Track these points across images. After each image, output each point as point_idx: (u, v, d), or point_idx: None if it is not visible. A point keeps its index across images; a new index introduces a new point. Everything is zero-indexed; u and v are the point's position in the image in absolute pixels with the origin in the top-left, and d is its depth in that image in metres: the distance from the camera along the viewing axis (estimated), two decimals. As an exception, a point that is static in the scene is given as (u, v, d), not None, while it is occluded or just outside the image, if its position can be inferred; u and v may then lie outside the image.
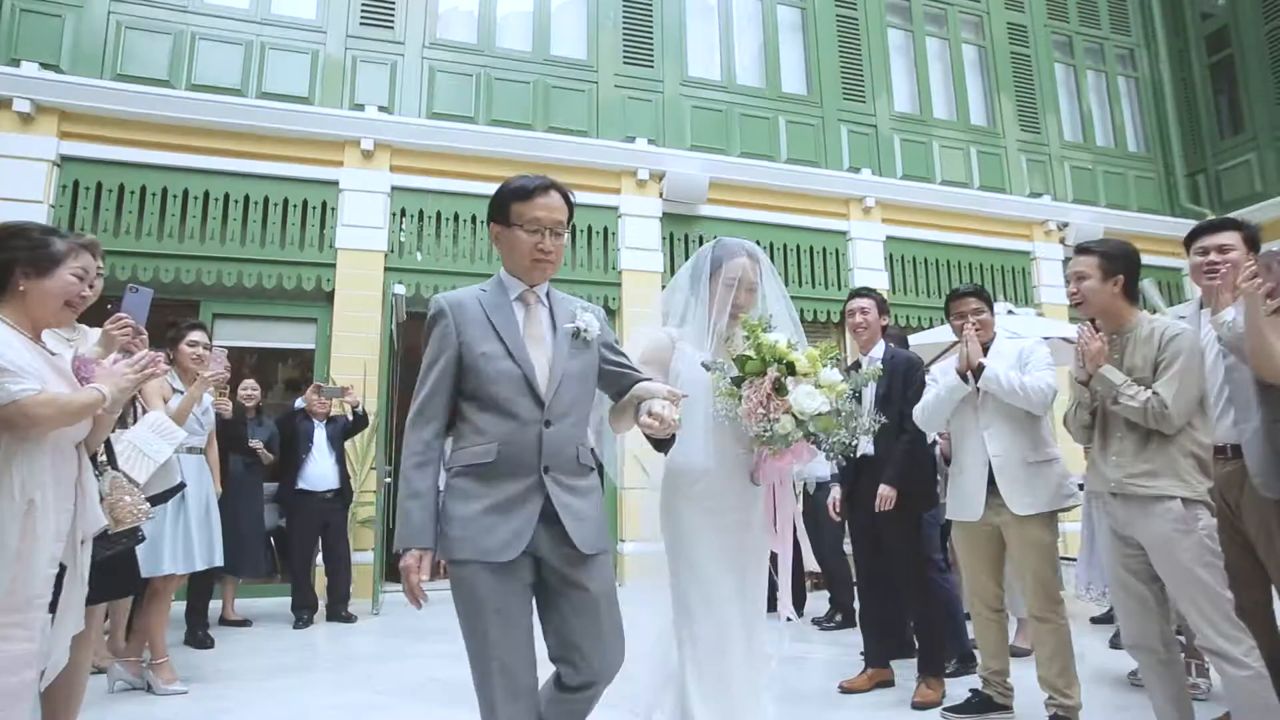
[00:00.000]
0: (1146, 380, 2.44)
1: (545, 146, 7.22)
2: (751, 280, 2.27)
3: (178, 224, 6.34)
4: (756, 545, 2.22)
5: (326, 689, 3.67)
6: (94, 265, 2.09)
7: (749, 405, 1.97)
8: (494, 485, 1.72)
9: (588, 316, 1.90)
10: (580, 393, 1.87)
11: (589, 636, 1.75)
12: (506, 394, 1.76)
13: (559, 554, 1.74)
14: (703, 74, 8.06)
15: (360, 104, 6.91)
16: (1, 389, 1.73)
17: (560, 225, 1.87)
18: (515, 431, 1.74)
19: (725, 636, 2.09)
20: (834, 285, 8.04)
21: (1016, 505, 2.76)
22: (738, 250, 2.29)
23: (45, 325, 1.99)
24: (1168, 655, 2.38)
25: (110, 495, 2.15)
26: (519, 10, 7.69)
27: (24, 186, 5.90)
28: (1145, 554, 2.35)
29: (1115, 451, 2.43)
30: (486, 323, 1.81)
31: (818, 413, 1.95)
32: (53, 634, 1.89)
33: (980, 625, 2.95)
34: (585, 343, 1.89)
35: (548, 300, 1.93)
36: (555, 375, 1.80)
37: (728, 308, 2.23)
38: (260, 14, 6.86)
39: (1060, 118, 9.55)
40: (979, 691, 2.96)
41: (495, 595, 1.69)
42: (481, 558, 1.68)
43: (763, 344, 2.05)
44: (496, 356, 1.77)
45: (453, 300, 1.85)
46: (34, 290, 1.92)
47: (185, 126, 6.38)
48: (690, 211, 7.64)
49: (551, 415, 1.77)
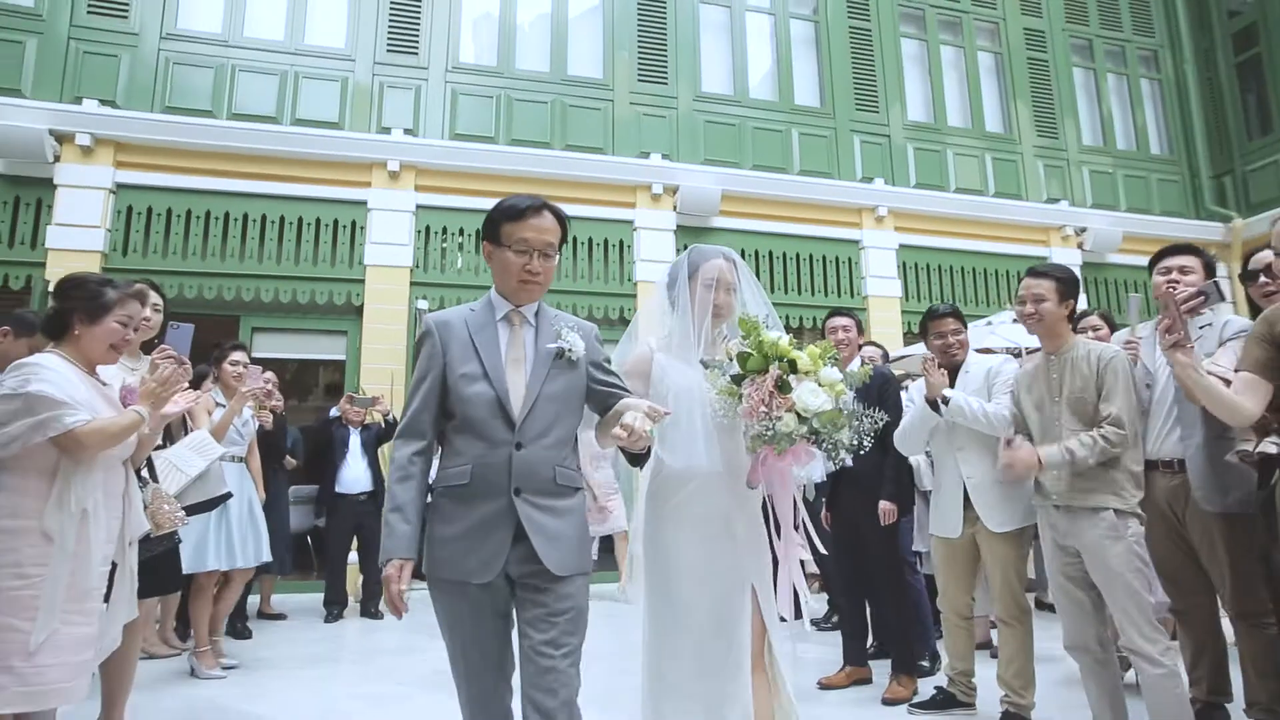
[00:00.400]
0: (1089, 399, 2.62)
1: (563, 164, 7.53)
2: (729, 281, 2.22)
3: (220, 244, 6.80)
4: (741, 561, 2.12)
5: (352, 679, 4.01)
6: (140, 312, 2.43)
7: (750, 403, 1.92)
8: (470, 506, 1.77)
9: (572, 336, 1.89)
10: (561, 413, 1.86)
11: (547, 648, 1.73)
12: (480, 415, 1.79)
13: (529, 572, 1.76)
14: (716, 89, 8.29)
15: (387, 127, 7.30)
16: (59, 421, 2.07)
17: (550, 247, 1.88)
18: (486, 453, 1.77)
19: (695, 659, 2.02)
20: (846, 294, 8.20)
21: (991, 523, 2.95)
22: (713, 254, 2.26)
23: (97, 363, 2.34)
24: (1104, 656, 2.56)
25: (152, 504, 2.50)
26: (537, 32, 8.02)
27: (85, 213, 6.41)
28: (1083, 562, 2.54)
29: (1057, 470, 2.60)
30: (469, 343, 1.85)
31: (821, 409, 1.90)
32: (107, 621, 2.24)
33: (950, 630, 3.15)
34: (570, 363, 1.88)
35: (535, 320, 1.93)
36: (530, 397, 1.81)
37: (709, 310, 2.18)
38: (294, 45, 7.30)
39: (1079, 122, 9.54)
40: (944, 689, 3.16)
41: (471, 614, 1.76)
42: (460, 577, 1.74)
43: (764, 341, 1.99)
44: (473, 378, 1.81)
45: (440, 320, 1.89)
46: (86, 334, 2.28)
47: (226, 153, 6.83)
48: (703, 224, 7.88)
49: (523, 438, 1.78)
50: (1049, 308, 2.73)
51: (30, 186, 6.41)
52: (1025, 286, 2.79)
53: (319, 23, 7.45)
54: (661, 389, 2.14)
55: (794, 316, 7.89)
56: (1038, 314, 2.72)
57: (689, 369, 2.14)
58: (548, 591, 1.76)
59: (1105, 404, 2.56)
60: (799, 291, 8.08)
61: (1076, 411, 2.62)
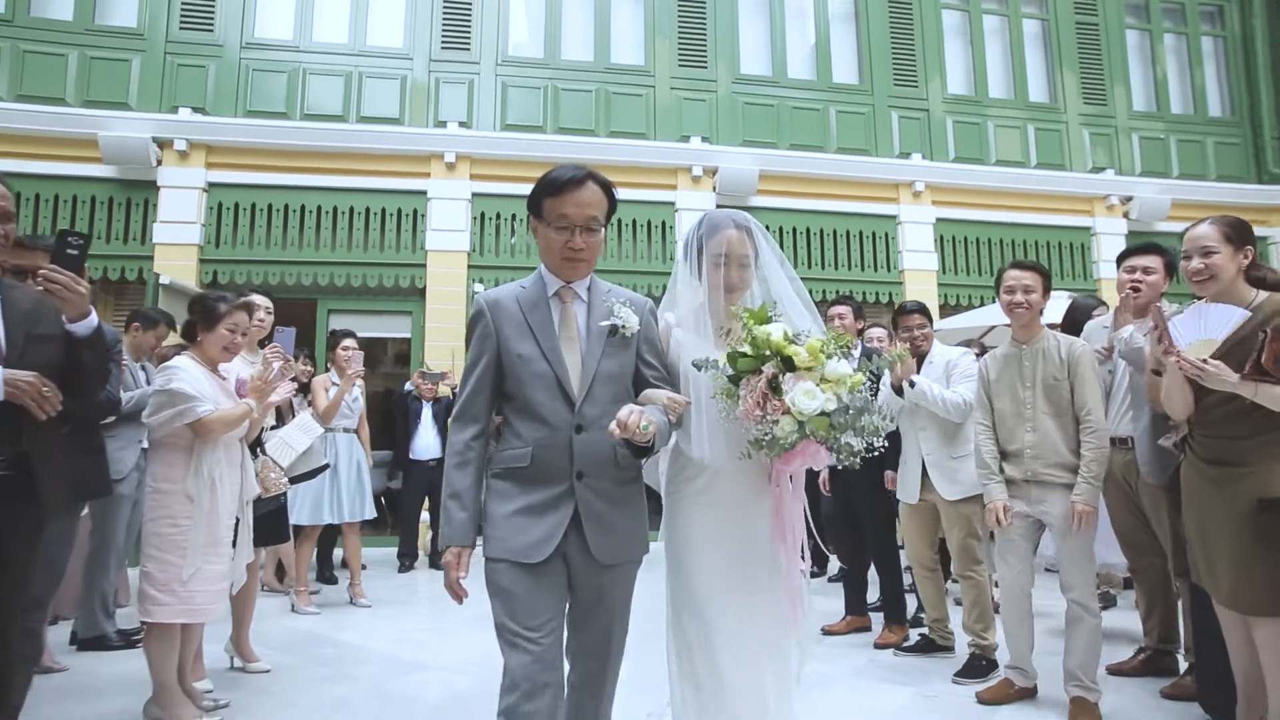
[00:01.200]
0: (1063, 387, 2.93)
1: (606, 150, 7.95)
2: (742, 254, 2.00)
3: (297, 234, 7.52)
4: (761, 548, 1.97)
5: (421, 617, 4.69)
6: (245, 321, 3.03)
7: (746, 406, 1.77)
8: (529, 489, 1.74)
9: (626, 312, 1.81)
10: (619, 393, 1.79)
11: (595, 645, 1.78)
12: (540, 397, 1.75)
13: (581, 559, 1.75)
14: (755, 71, 8.54)
15: (443, 121, 7.85)
16: (193, 411, 2.70)
17: (594, 221, 1.79)
18: (548, 437, 1.74)
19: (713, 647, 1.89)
20: (884, 268, 8.44)
21: (945, 493, 3.36)
22: (724, 223, 2.03)
23: (216, 361, 2.96)
24: (1029, 605, 2.99)
25: (261, 472, 3.15)
26: (581, 22, 8.40)
27: (183, 210, 7.22)
28: (1037, 530, 2.92)
29: (1031, 448, 2.95)
30: (523, 322, 1.79)
31: (819, 413, 1.72)
32: (235, 561, 2.90)
33: (920, 581, 3.59)
34: (624, 339, 1.81)
35: (588, 296, 1.86)
36: (587, 376, 1.76)
37: (720, 289, 1.98)
38: (357, 46, 7.89)
39: (1130, 87, 9.38)
40: (925, 636, 3.61)
41: (520, 593, 1.70)
42: (511, 557, 1.70)
43: (757, 338, 1.81)
44: (532, 359, 1.76)
45: (491, 300, 1.83)
46: (205, 340, 2.91)
47: (300, 151, 7.51)
48: (742, 203, 8.19)
49: (583, 419, 1.74)
50: (1036, 299, 3.02)
51: (138, 189, 7.24)
52: (1014, 278, 3.02)
53: (379, 24, 8.02)
54: (678, 367, 1.99)
55: (830, 291, 8.18)
56: (1026, 304, 3.00)
57: (705, 346, 1.96)
58: (592, 582, 1.75)
59: (1080, 399, 2.88)
60: (835, 267, 8.36)
61: (1050, 397, 2.92)
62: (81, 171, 7.14)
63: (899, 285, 8.34)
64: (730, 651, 1.89)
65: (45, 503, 1.95)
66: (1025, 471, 2.90)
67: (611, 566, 1.76)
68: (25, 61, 7.10)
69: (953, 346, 3.82)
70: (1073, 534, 2.75)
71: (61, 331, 2.02)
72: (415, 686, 3.29)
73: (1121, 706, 2.88)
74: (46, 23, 7.24)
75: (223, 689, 3.10)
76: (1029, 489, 2.95)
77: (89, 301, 2.04)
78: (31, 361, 1.90)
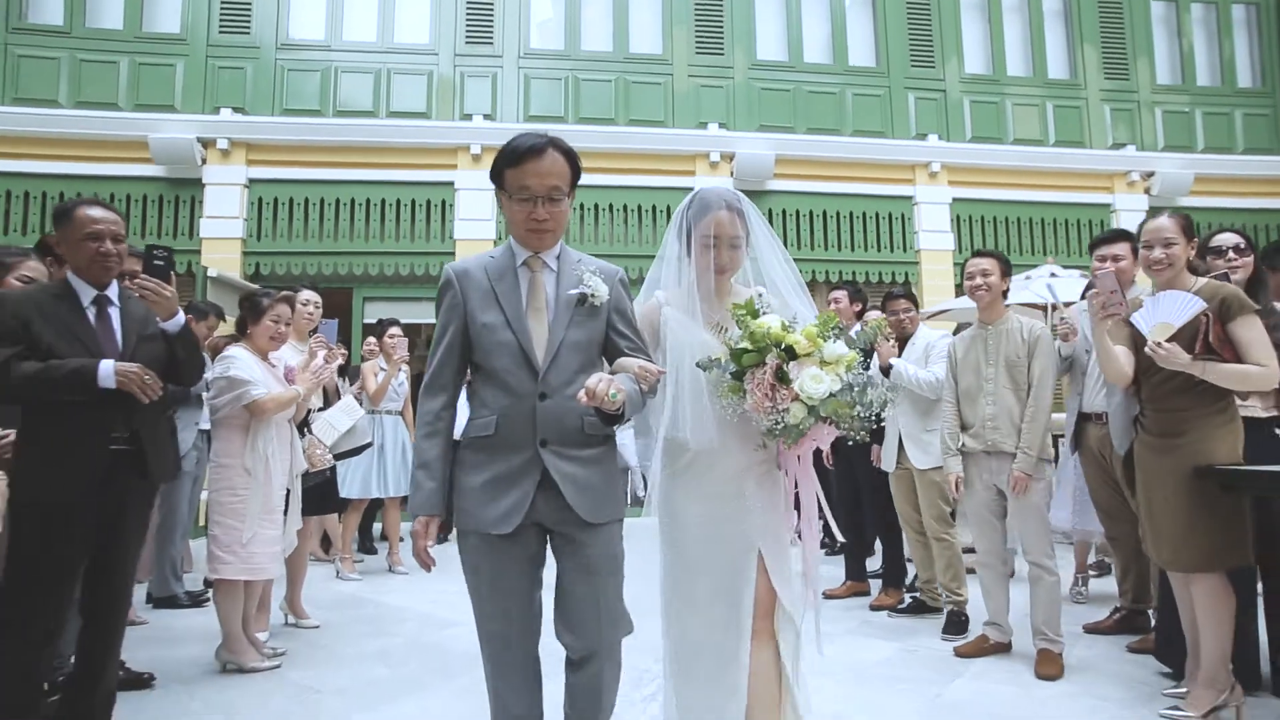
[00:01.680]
0: (1022, 365, 3.17)
1: (626, 139, 8.20)
2: (733, 235, 1.96)
3: (333, 227, 7.92)
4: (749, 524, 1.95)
5: (453, 581, 4.93)
6: (289, 312, 3.38)
7: (755, 399, 1.78)
8: (495, 457, 1.74)
9: (595, 280, 1.80)
10: (584, 362, 1.79)
11: (587, 602, 1.75)
12: (503, 365, 1.75)
13: (563, 520, 1.74)
14: (771, 56, 8.68)
15: (468, 114, 8.16)
16: (248, 394, 3.07)
17: (557, 191, 1.77)
18: (512, 405, 1.73)
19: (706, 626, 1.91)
20: (900, 248, 8.57)
21: (918, 462, 3.66)
22: (715, 203, 1.97)
23: (265, 350, 3.33)
24: (1002, 569, 3.24)
25: (308, 449, 3.53)
26: (600, 13, 8.61)
27: (227, 206, 7.66)
28: (1002, 499, 3.16)
29: (989, 420, 3.19)
30: (490, 292, 1.78)
31: (827, 395, 1.75)
32: (286, 528, 3.29)
33: (911, 544, 3.85)
34: (593, 309, 1.80)
35: (557, 264, 1.84)
36: (553, 345, 1.75)
37: (710, 270, 1.96)
38: (385, 44, 8.21)
39: (1154, 61, 9.30)
40: (916, 598, 3.88)
41: (492, 566, 1.72)
42: (480, 528, 1.71)
43: (755, 332, 1.82)
44: (496, 327, 1.75)
45: (459, 270, 1.83)
46: (254, 332, 3.28)
47: (333, 146, 7.89)
48: (759, 187, 8.39)
49: (547, 387, 1.73)
50: (995, 281, 3.26)
51: (185, 187, 7.69)
52: (974, 265, 3.30)
53: (406, 22, 8.32)
54: (666, 345, 2.00)
55: (847, 272, 8.37)
56: (986, 286, 3.25)
57: (697, 329, 1.96)
58: (581, 540, 1.74)
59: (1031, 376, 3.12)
60: (852, 248, 8.51)
61: (1011, 374, 3.17)
62: (134, 172, 7.61)
63: (915, 265, 8.48)
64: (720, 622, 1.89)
65: (153, 474, 2.37)
66: (985, 443, 3.14)
67: (596, 526, 1.74)
68: (82, 70, 7.56)
69: (934, 329, 4.04)
70: (1025, 502, 3.01)
71: (159, 330, 2.41)
72: (449, 640, 3.66)
73: (1089, 659, 3.13)
74: (99, 32, 7.69)
75: (279, 641, 3.51)
76: (989, 460, 3.19)
77: (176, 303, 2.42)
78: (140, 357, 2.31)
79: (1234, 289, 2.51)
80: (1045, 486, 3.07)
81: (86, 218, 2.29)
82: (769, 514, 1.97)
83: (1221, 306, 2.41)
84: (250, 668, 3.14)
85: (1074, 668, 2.99)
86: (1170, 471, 2.48)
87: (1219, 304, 2.41)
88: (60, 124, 7.42)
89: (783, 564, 1.96)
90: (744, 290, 2.01)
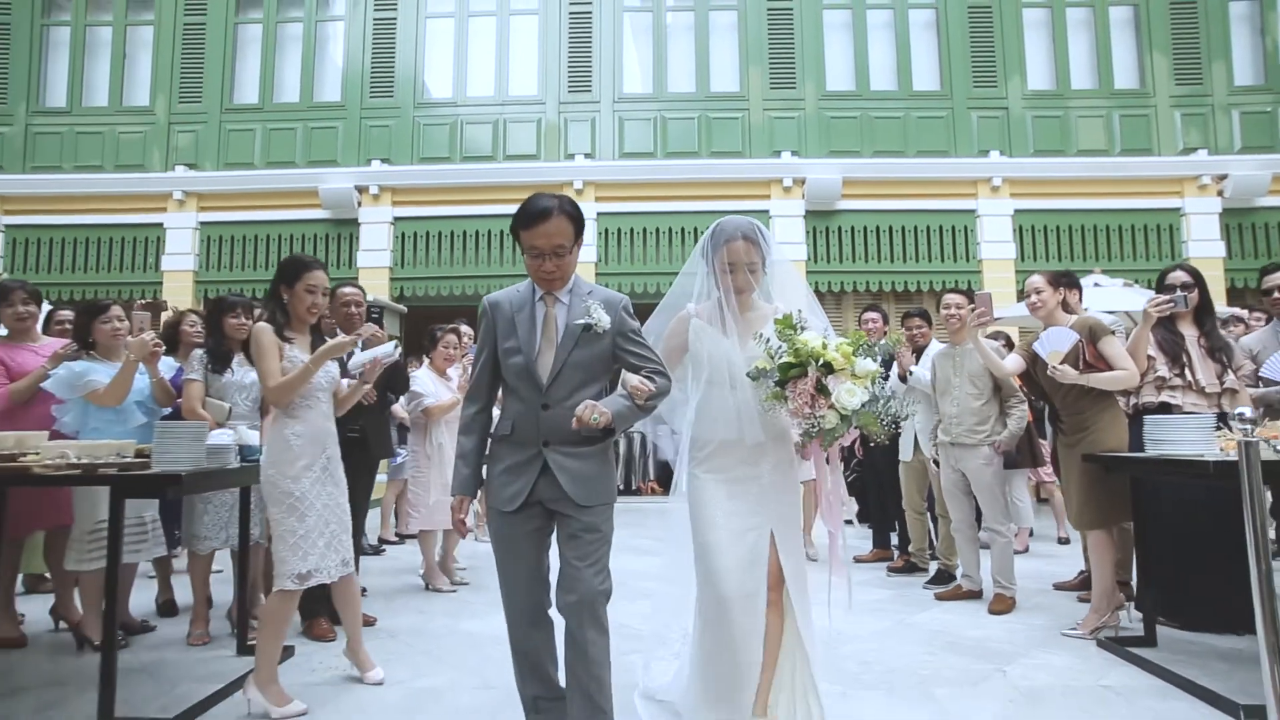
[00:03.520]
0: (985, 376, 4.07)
1: (707, 170, 9.31)
2: (750, 261, 2.27)
3: (461, 254, 9.47)
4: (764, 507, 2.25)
5: None
6: (456, 340, 4.72)
7: (796, 404, 2.07)
8: (511, 451, 2.12)
9: (599, 312, 2.09)
10: (585, 379, 2.11)
11: (574, 559, 2.04)
12: (516, 381, 2.12)
13: (559, 501, 2.06)
14: (840, 86, 9.54)
15: (572, 154, 9.51)
16: (423, 402, 4.44)
17: (560, 249, 2.05)
18: (523, 412, 2.10)
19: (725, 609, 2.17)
20: (962, 259, 9.23)
21: (929, 452, 4.53)
22: (734, 234, 2.28)
23: (442, 370, 4.70)
24: (971, 532, 4.13)
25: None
26: (684, 57, 9.74)
27: (377, 241, 9.37)
28: (964, 478, 4.08)
29: (954, 417, 4.10)
30: (511, 320, 2.13)
31: (860, 406, 2.04)
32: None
33: (910, 521, 4.79)
34: (597, 335, 2.10)
35: (569, 299, 2.14)
36: (556, 366, 2.08)
37: (731, 291, 2.27)
38: (501, 97, 9.69)
39: (1230, 63, 9.43)
40: (909, 561, 4.83)
41: (506, 534, 2.11)
42: (498, 506, 2.10)
43: (800, 347, 2.09)
44: (513, 351, 2.11)
45: (493, 301, 2.20)
46: (434, 355, 4.69)
47: (461, 187, 9.44)
48: (828, 207, 9.30)
49: (550, 400, 2.07)
50: (965, 314, 4.14)
51: (345, 226, 9.47)
52: (948, 300, 4.17)
53: (518, 76, 9.78)
54: (698, 352, 2.32)
55: (912, 283, 9.14)
56: (958, 319, 4.16)
57: (722, 339, 2.27)
58: (574, 518, 2.06)
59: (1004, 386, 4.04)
60: (916, 259, 9.26)
61: (974, 383, 4.04)
62: (307, 215, 9.47)
63: (977, 274, 9.12)
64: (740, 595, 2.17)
65: (374, 453, 3.74)
66: (950, 435, 4.06)
67: (586, 507, 2.06)
68: (271, 137, 9.48)
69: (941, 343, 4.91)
70: (980, 482, 3.92)
71: None
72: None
73: (1043, 604, 3.98)
74: (283, 105, 9.60)
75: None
76: (953, 450, 4.08)
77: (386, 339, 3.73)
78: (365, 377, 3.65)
79: (1095, 319, 3.40)
80: (995, 472, 3.96)
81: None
82: (782, 499, 2.29)
83: (1090, 334, 3.30)
84: (444, 589, 4.44)
85: (1025, 608, 3.88)
86: (1075, 458, 3.39)
87: (1087, 332, 3.31)
88: (255, 181, 9.36)
89: (792, 545, 2.26)
90: (764, 305, 2.35)
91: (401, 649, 3.29)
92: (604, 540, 2.09)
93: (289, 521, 2.63)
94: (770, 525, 2.22)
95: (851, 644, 3.26)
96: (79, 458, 2.54)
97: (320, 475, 2.72)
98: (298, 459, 2.67)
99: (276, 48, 9.83)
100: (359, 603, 2.98)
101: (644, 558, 5.00)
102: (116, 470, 2.52)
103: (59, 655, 3.24)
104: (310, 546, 2.63)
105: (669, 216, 9.41)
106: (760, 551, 2.20)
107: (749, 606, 2.17)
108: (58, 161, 9.58)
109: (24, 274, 9.19)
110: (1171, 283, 3.55)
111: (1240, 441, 2.23)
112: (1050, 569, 4.86)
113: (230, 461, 2.88)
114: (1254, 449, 2.21)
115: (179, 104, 9.67)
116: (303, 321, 2.82)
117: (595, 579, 2.02)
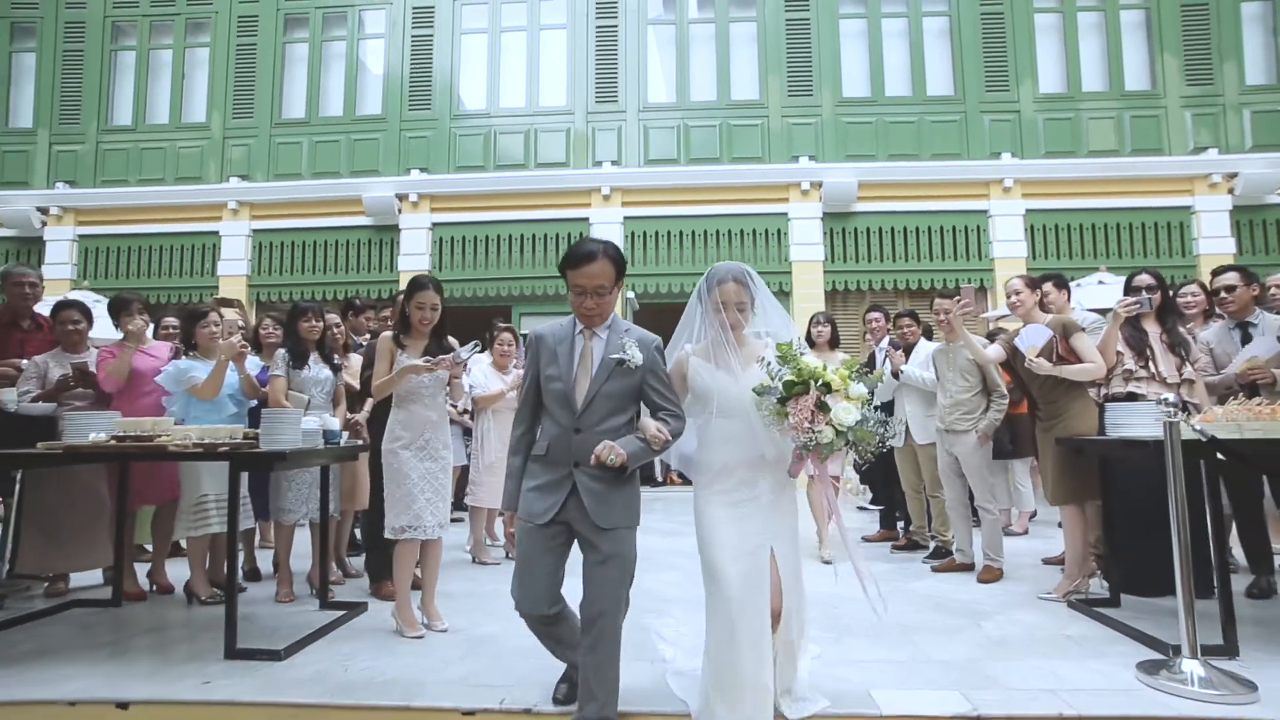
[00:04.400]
0: (974, 368, 4.49)
1: (729, 175, 9.76)
2: (740, 301, 2.40)
3: (495, 257, 10.03)
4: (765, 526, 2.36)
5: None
6: (510, 338, 5.26)
7: (795, 419, 2.22)
8: (545, 470, 2.30)
9: (633, 350, 2.27)
10: (615, 408, 2.29)
11: (594, 580, 2.21)
12: (553, 406, 2.31)
13: (584, 524, 2.21)
14: (855, 93, 9.92)
15: (599, 161, 10.01)
16: (470, 393, 4.98)
17: (601, 289, 2.25)
18: (558, 435, 2.29)
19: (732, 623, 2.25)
20: (975, 257, 9.57)
21: (919, 438, 4.94)
22: (725, 277, 2.41)
23: (502, 366, 5.24)
24: (964, 510, 4.55)
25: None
26: (706, 66, 10.19)
27: (417, 245, 9.96)
28: (957, 461, 4.50)
29: (947, 407, 4.52)
30: (553, 351, 2.33)
31: (854, 424, 2.20)
32: (491, 477, 5.23)
33: (909, 500, 5.21)
34: (629, 369, 2.28)
35: (606, 334, 2.33)
36: (589, 395, 2.26)
37: (726, 328, 2.41)
38: (532, 108, 10.22)
39: (1242, 63, 9.63)
40: (911, 539, 5.25)
41: (530, 543, 2.28)
42: (528, 519, 2.28)
43: (803, 368, 2.26)
44: (552, 379, 2.31)
45: (538, 334, 2.40)
46: (493, 351, 5.21)
47: (494, 194, 10.00)
48: (844, 209, 9.69)
49: (582, 425, 2.25)
50: (954, 317, 4.55)
51: (387, 231, 10.08)
52: (937, 304, 4.52)
53: (548, 88, 10.30)
54: (697, 388, 2.45)
55: (925, 281, 9.50)
56: (948, 322, 4.56)
57: (718, 372, 2.41)
58: (596, 541, 2.21)
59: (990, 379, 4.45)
60: (930, 259, 9.62)
61: (964, 376, 4.46)
62: (351, 222, 10.09)
63: (989, 272, 9.45)
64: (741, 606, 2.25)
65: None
66: (944, 423, 4.48)
67: (607, 530, 2.20)
68: (316, 150, 10.12)
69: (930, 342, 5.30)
70: (970, 464, 4.34)
71: None
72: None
73: (1029, 575, 4.39)
74: (328, 119, 10.24)
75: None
76: (947, 436, 4.51)
77: None
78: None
79: (1068, 319, 3.80)
80: (982, 455, 4.38)
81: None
82: (780, 518, 2.41)
83: (1063, 330, 3.72)
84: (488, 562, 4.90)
85: (1012, 578, 4.30)
86: (1049, 442, 3.81)
87: (1061, 329, 3.73)
88: (303, 191, 10.01)
89: (790, 561, 2.40)
90: (754, 341, 2.51)
91: (459, 606, 3.81)
92: (626, 564, 2.24)
93: (390, 485, 3.29)
94: (770, 542, 2.36)
95: (848, 604, 3.72)
96: (201, 439, 3.10)
97: (417, 452, 3.31)
98: (398, 438, 3.30)
99: (321, 65, 10.47)
100: (438, 564, 3.52)
101: (670, 538, 5.50)
102: (231, 449, 3.08)
103: (171, 608, 3.83)
104: (404, 507, 3.23)
105: (692, 220, 9.88)
106: (761, 566, 2.32)
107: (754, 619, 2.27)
108: (124, 175, 10.33)
109: (95, 280, 9.95)
110: (1138, 285, 3.89)
111: (1165, 422, 2.66)
112: (1045, 548, 5.26)
113: (318, 443, 3.44)
114: (1175, 429, 2.64)
115: (232, 120, 10.36)
116: (419, 331, 3.39)
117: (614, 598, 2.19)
